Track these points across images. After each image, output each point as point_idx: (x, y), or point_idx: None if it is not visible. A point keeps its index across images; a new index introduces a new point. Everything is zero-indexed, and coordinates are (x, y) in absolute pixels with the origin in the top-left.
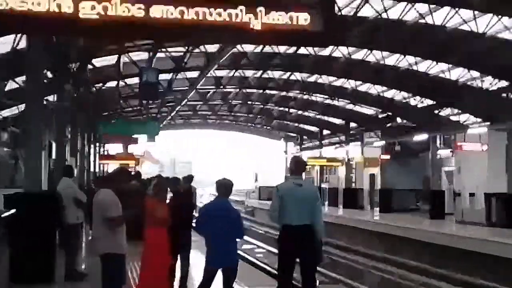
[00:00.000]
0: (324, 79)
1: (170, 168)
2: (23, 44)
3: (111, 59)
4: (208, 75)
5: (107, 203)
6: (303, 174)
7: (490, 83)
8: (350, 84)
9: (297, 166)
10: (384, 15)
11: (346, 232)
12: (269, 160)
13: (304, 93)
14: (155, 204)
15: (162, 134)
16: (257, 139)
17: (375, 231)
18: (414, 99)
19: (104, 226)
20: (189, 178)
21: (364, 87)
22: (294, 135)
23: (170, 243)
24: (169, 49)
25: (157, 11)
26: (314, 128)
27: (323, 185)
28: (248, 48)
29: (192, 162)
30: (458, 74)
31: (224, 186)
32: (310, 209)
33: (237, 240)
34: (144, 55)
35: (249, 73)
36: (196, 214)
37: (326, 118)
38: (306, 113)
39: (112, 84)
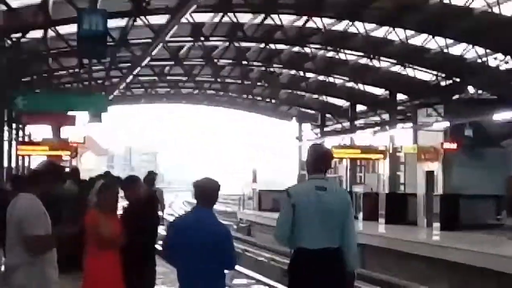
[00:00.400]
0: (359, 27)
1: (124, 162)
2: None
3: None
4: (183, 20)
5: (28, 215)
6: (327, 172)
7: None
8: (397, 34)
9: (318, 160)
10: None
11: (391, 260)
12: (274, 151)
13: (328, 48)
14: (100, 217)
15: (113, 111)
16: (257, 119)
17: (437, 259)
18: (495, 57)
19: (23, 249)
20: (151, 177)
21: (419, 40)
22: (313, 112)
23: (123, 275)
24: None
25: None
26: (342, 102)
27: (355, 189)
28: None
29: (157, 154)
30: None
31: (206, 191)
32: (337, 225)
33: (226, 272)
34: None
35: (245, 17)
36: (163, 231)
37: (360, 86)
38: (330, 79)
39: (36, 34)
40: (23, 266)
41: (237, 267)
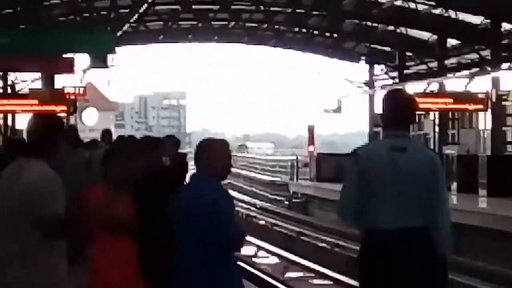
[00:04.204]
0: None
1: (138, 118)
2: None
3: None
4: None
5: (45, 187)
6: (410, 128)
7: None
8: None
9: (397, 111)
10: None
11: (496, 244)
12: (337, 103)
13: None
14: (108, 196)
15: (122, 53)
16: (313, 60)
17: None
18: None
19: (28, 233)
20: (176, 141)
21: None
22: (388, 49)
23: (140, 266)
24: None
25: None
26: (427, 35)
27: (447, 151)
28: None
29: (185, 106)
30: None
31: (203, 151)
32: (423, 197)
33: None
34: None
35: None
36: None
37: (452, 13)
38: (411, 4)
39: None
40: (25, 255)
41: (293, 257)
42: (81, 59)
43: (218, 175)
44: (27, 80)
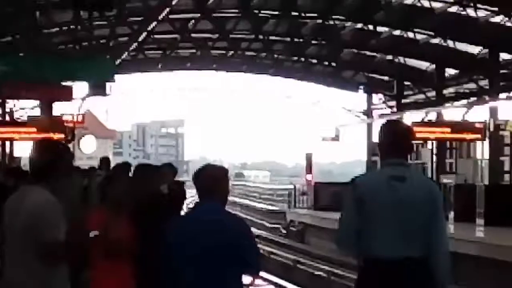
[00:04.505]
0: None
1: (136, 146)
2: None
3: None
4: None
5: (46, 214)
6: (408, 157)
7: None
8: None
9: (395, 141)
10: None
11: (493, 273)
12: (335, 131)
13: None
14: (108, 218)
15: (121, 81)
16: (311, 89)
17: None
18: None
19: (33, 260)
20: (174, 169)
21: None
22: (386, 78)
23: None
24: None
25: None
26: (425, 65)
27: (444, 180)
28: None
29: (183, 135)
30: None
31: (207, 179)
32: (421, 226)
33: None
34: None
35: None
36: None
37: (450, 43)
38: (410, 34)
39: None
40: (28, 280)
41: (287, 284)
42: (80, 87)
43: (222, 202)
44: (25, 108)
